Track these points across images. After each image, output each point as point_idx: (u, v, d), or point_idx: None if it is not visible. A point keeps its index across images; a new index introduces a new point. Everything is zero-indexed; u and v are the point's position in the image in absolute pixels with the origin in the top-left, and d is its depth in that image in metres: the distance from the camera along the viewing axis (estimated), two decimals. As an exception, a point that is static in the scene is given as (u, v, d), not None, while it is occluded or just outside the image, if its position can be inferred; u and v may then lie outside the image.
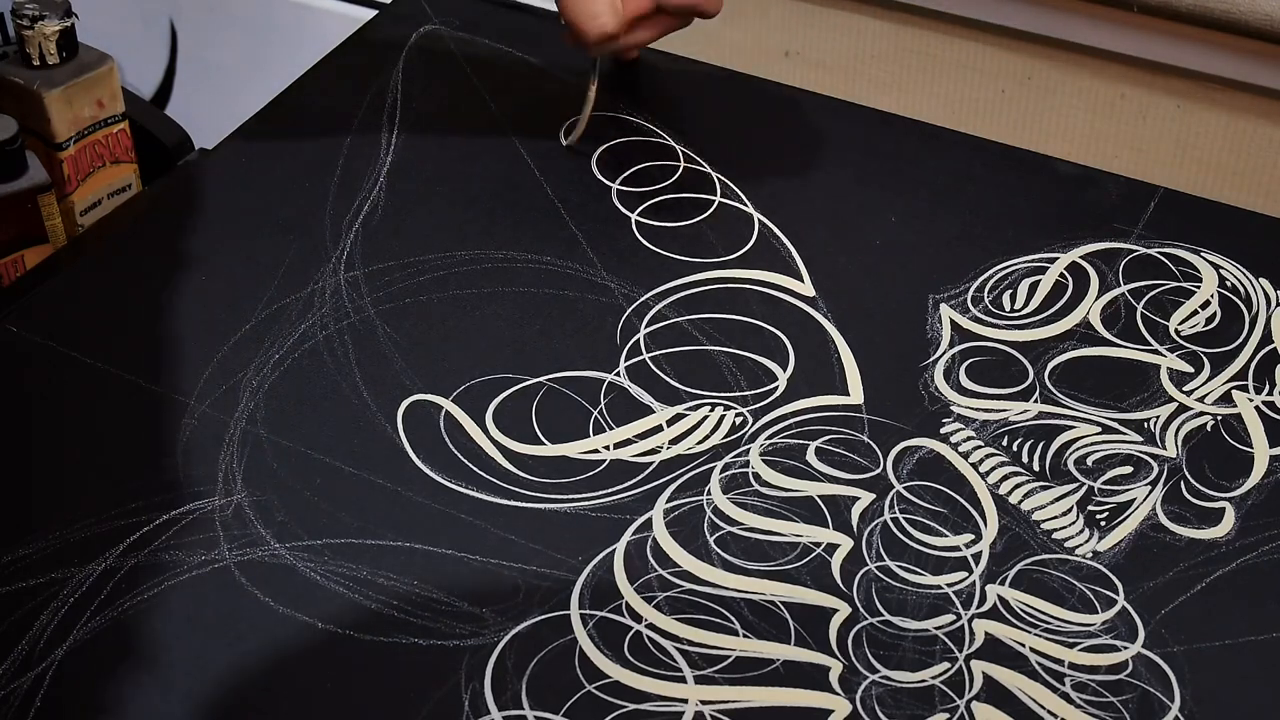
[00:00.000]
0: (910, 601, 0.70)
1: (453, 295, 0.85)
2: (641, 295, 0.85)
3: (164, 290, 0.85)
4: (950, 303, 0.85)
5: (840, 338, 0.83)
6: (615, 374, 0.80)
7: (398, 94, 1.00)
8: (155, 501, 0.73)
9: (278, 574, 0.70)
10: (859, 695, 0.66)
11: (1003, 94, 1.04)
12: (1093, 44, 1.00)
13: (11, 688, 0.65)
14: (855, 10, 1.06)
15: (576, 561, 0.71)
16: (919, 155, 0.95)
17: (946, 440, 0.77)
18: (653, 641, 0.68)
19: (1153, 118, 1.01)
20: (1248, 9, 0.92)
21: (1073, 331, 0.83)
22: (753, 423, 0.78)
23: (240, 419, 0.77)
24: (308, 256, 0.87)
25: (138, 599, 0.69)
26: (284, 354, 0.81)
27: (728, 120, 0.98)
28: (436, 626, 0.68)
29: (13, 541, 0.71)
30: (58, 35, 0.93)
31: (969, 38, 1.03)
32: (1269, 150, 0.98)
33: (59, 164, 0.95)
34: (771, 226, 0.90)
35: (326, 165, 0.94)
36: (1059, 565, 0.71)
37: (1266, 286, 0.85)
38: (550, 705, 0.65)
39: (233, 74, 1.37)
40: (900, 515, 0.73)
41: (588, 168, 0.94)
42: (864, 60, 1.08)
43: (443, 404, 0.79)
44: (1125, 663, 0.67)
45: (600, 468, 0.76)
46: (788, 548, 0.72)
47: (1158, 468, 0.76)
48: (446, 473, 0.75)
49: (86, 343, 0.82)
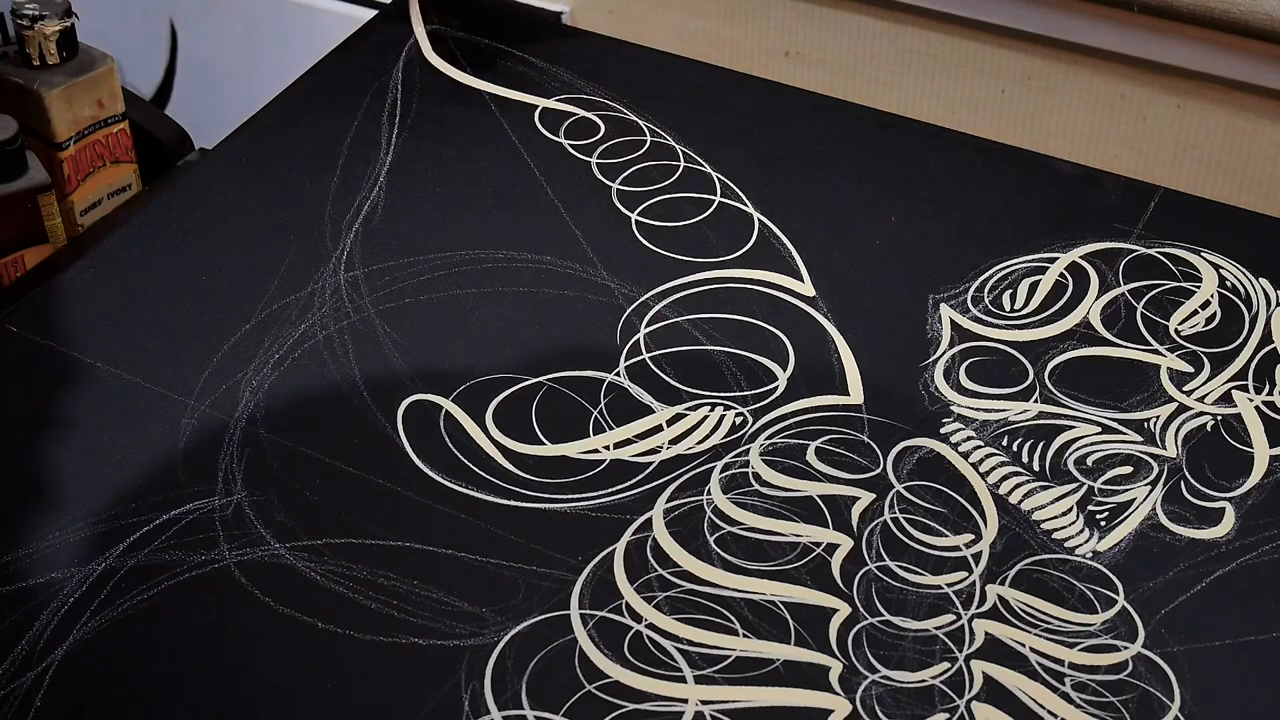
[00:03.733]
0: (910, 601, 0.70)
1: (453, 295, 0.85)
2: (641, 295, 0.85)
3: (164, 290, 0.85)
4: (950, 303, 0.85)
5: (840, 338, 0.83)
6: (615, 374, 0.80)
7: (398, 94, 1.00)
8: (155, 501, 0.73)
9: (278, 574, 0.70)
10: (859, 695, 0.66)
11: (1003, 94, 1.04)
12: (1093, 44, 1.00)
13: (11, 688, 0.65)
14: (855, 10, 1.06)
15: (576, 561, 0.71)
16: (919, 155, 0.95)
17: (946, 440, 0.77)
18: (653, 641, 0.68)
19: (1153, 118, 1.01)
20: (1248, 9, 0.92)
21: (1073, 331, 0.83)
22: (753, 423, 0.78)
23: (240, 419, 0.77)
24: (308, 256, 0.87)
25: (138, 599, 0.69)
26: (284, 354, 0.81)
27: (728, 120, 0.98)
28: (436, 626, 0.68)
29: (13, 541, 0.71)
30: (58, 35, 0.93)
31: (969, 38, 1.03)
32: (1269, 150, 0.98)
33: (59, 164, 0.95)
34: (771, 226, 0.90)
35: (326, 165, 0.94)
36: (1059, 565, 0.71)
37: (1266, 286, 0.85)
38: (550, 705, 0.65)
39: (233, 74, 1.37)
40: (900, 515, 0.73)
41: (588, 167, 0.94)
42: (864, 60, 1.07)
43: (443, 404, 0.79)
44: (1125, 663, 0.67)
45: (600, 468, 0.76)
46: (788, 548, 0.72)
47: (1158, 468, 0.76)
48: (446, 473, 0.75)
49: (86, 343, 0.82)
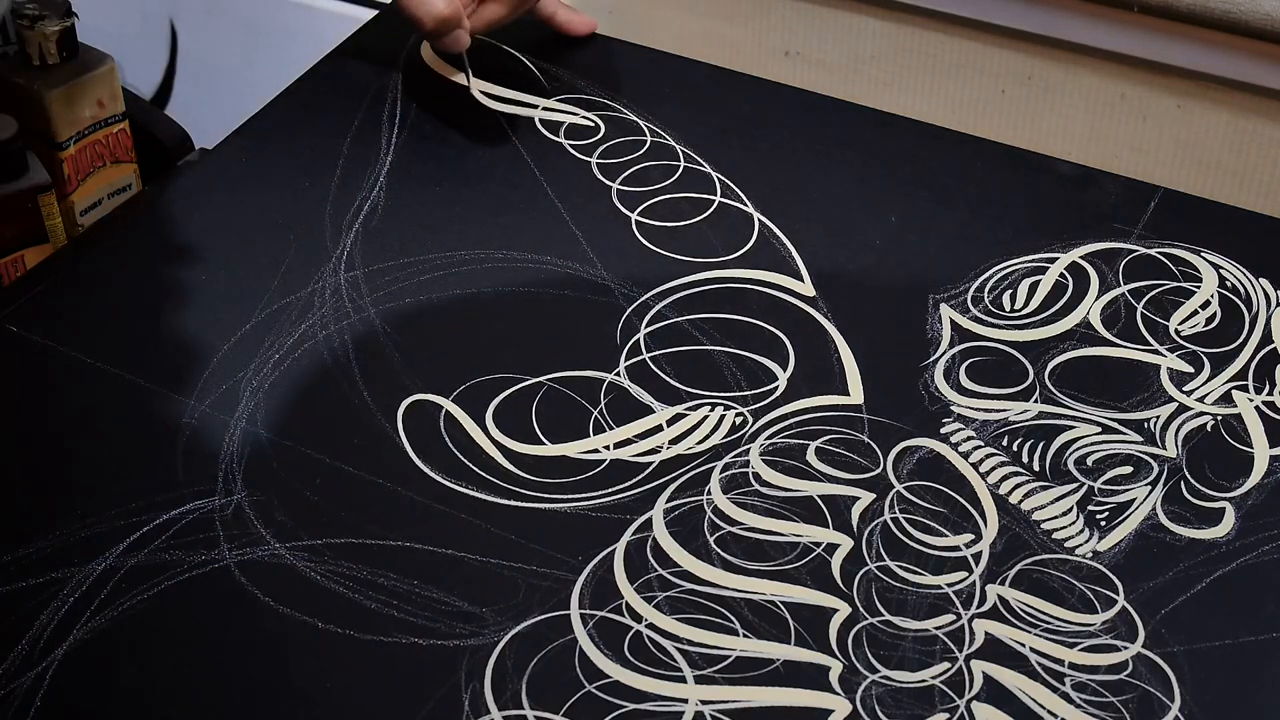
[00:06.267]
0: (910, 601, 0.70)
1: (453, 295, 0.85)
2: (641, 295, 0.85)
3: (164, 290, 0.85)
4: (950, 303, 0.85)
5: (840, 338, 0.83)
6: (615, 374, 0.80)
7: (398, 94, 0.99)
8: (155, 501, 0.73)
9: (278, 574, 0.70)
10: (859, 695, 0.66)
11: (1003, 94, 1.04)
12: (1093, 44, 1.00)
13: (11, 688, 0.65)
14: (855, 10, 1.06)
15: (576, 561, 0.71)
16: (919, 155, 0.95)
17: (946, 440, 0.77)
18: (653, 641, 0.68)
19: (1153, 118, 1.01)
20: (1248, 9, 0.92)
21: (1073, 331, 0.83)
22: (753, 423, 0.78)
23: (240, 419, 0.77)
24: (308, 256, 0.87)
25: (138, 599, 0.69)
26: (284, 354, 0.81)
27: (728, 120, 0.98)
28: (436, 626, 0.68)
29: (13, 541, 0.71)
30: (58, 35, 0.93)
31: (969, 38, 1.03)
32: (1269, 150, 0.98)
33: (59, 164, 0.95)
34: (771, 226, 0.90)
35: (326, 165, 0.94)
36: (1059, 565, 0.71)
37: (1266, 286, 0.85)
38: (550, 705, 0.65)
39: (233, 74, 1.37)
40: (900, 515, 0.73)
41: (588, 167, 0.94)
42: (864, 60, 1.07)
43: (443, 404, 0.79)
44: (1125, 663, 0.67)
45: (600, 468, 0.76)
46: (788, 548, 0.72)
47: (1158, 468, 0.76)
48: (446, 472, 0.75)
49: (86, 343, 0.82)
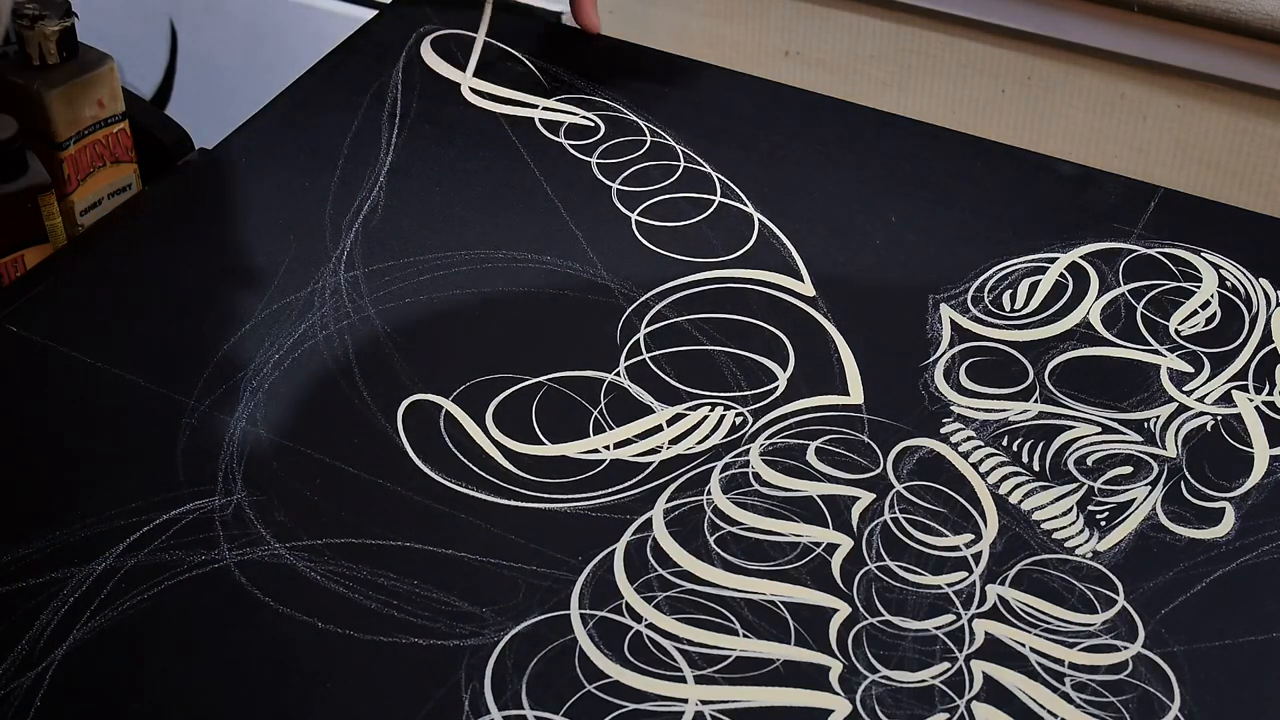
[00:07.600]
0: (910, 601, 0.70)
1: (453, 295, 0.85)
2: (641, 295, 0.85)
3: (164, 290, 0.85)
4: (950, 303, 0.85)
5: (840, 338, 0.83)
6: (615, 374, 0.80)
7: (398, 94, 0.99)
8: (155, 501, 0.73)
9: (278, 574, 0.70)
10: (859, 695, 0.66)
11: (1003, 94, 1.04)
12: (1093, 44, 1.00)
13: (11, 688, 0.65)
14: (855, 10, 1.06)
15: (576, 561, 0.71)
16: (919, 155, 0.95)
17: (946, 440, 0.77)
18: (653, 641, 0.68)
19: (1153, 118, 1.01)
20: (1248, 9, 0.92)
21: (1073, 331, 0.83)
22: (753, 423, 0.78)
23: (240, 419, 0.77)
24: (308, 256, 0.87)
25: (138, 599, 0.69)
26: (284, 354, 0.81)
27: (728, 120, 0.98)
28: (436, 626, 0.68)
29: (13, 541, 0.71)
30: (58, 35, 0.93)
31: (969, 38, 1.03)
32: (1269, 150, 0.98)
33: (59, 164, 0.95)
34: (771, 226, 0.90)
35: (326, 165, 0.94)
36: (1059, 565, 0.71)
37: (1266, 286, 0.85)
38: (550, 705, 0.65)
39: (233, 74, 1.37)
40: (900, 515, 0.73)
41: (588, 167, 0.94)
42: (864, 60, 1.08)
43: (443, 404, 0.79)
44: (1125, 663, 0.67)
45: (600, 468, 0.76)
46: (788, 548, 0.72)
47: (1158, 468, 0.76)
48: (446, 473, 0.75)
49: (86, 343, 0.82)
